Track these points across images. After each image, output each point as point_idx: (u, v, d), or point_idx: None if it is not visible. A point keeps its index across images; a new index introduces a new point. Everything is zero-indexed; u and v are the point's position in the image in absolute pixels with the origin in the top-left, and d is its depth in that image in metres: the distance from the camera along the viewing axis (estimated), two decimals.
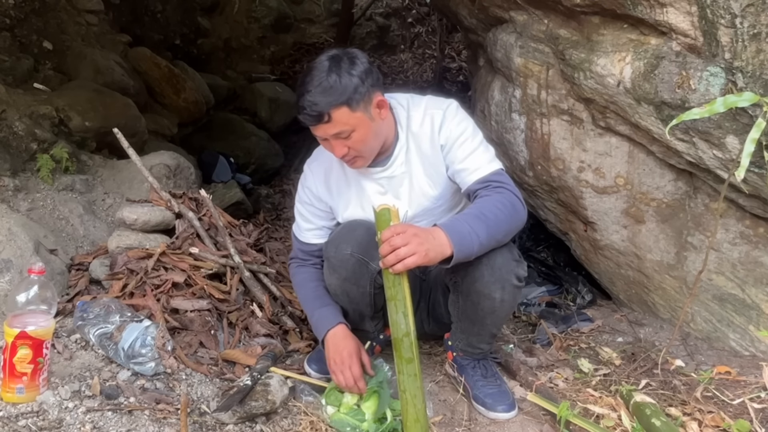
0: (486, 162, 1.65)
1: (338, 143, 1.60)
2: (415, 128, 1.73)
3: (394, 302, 1.43)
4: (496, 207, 1.54)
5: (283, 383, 1.74)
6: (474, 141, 1.68)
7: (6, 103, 2.77)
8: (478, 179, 1.63)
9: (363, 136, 1.60)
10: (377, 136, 1.65)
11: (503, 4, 2.52)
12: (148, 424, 1.55)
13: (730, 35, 1.69)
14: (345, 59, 1.58)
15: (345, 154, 1.62)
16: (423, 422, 1.43)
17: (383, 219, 1.46)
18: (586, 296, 2.65)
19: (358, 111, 1.56)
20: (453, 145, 1.67)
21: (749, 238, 2.00)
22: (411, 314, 1.44)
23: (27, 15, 3.36)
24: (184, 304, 2.10)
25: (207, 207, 2.59)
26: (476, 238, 1.47)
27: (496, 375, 1.85)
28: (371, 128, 1.61)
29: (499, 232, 1.54)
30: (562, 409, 1.65)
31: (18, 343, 1.54)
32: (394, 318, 1.43)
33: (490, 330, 1.79)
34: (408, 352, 1.43)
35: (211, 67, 6.15)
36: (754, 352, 2.02)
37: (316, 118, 1.55)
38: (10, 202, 2.43)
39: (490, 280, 1.63)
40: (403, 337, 1.43)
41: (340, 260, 1.73)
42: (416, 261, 1.38)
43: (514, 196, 1.59)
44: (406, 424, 1.44)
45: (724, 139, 1.80)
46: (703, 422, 1.66)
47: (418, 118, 1.73)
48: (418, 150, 1.73)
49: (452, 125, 1.68)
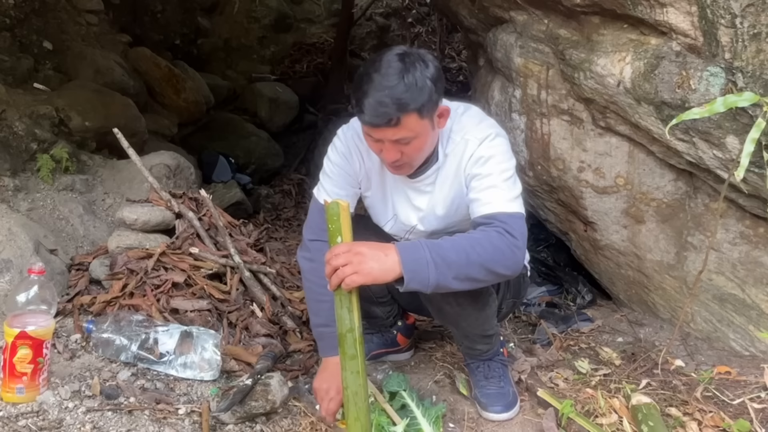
0: (502, 200, 1.50)
1: (394, 148, 1.47)
2: (449, 149, 1.62)
3: (339, 297, 1.38)
4: (481, 245, 1.40)
5: (283, 383, 1.74)
6: (499, 177, 1.53)
7: (6, 103, 2.77)
8: (485, 213, 1.49)
9: (422, 144, 1.50)
10: (432, 145, 1.57)
11: (503, 4, 2.52)
12: (148, 424, 1.55)
13: (730, 35, 1.69)
14: (418, 59, 1.44)
15: (396, 160, 1.50)
16: (363, 421, 1.40)
17: (332, 213, 1.39)
18: (586, 296, 2.65)
19: (426, 119, 1.45)
20: (476, 176, 1.55)
21: (749, 238, 2.00)
22: (356, 310, 1.37)
23: (27, 15, 3.36)
24: (184, 304, 2.10)
25: (207, 207, 2.59)
26: (434, 269, 1.34)
27: (500, 376, 1.83)
28: (431, 137, 1.52)
29: (472, 271, 1.39)
30: (565, 407, 1.66)
31: (18, 343, 1.54)
32: (338, 312, 1.39)
33: (473, 331, 1.75)
34: (351, 349, 1.38)
35: (211, 67, 6.16)
36: (754, 352, 2.02)
37: (383, 121, 1.42)
38: (10, 202, 2.43)
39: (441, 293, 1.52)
40: (347, 332, 1.38)
41: None
42: (358, 280, 1.29)
43: (512, 240, 1.42)
44: (348, 422, 1.41)
45: (724, 139, 1.79)
46: (703, 422, 1.66)
47: (456, 139, 1.61)
48: (448, 172, 1.63)
49: (483, 153, 1.55)
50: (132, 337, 1.82)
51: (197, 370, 1.80)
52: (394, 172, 1.60)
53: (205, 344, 1.82)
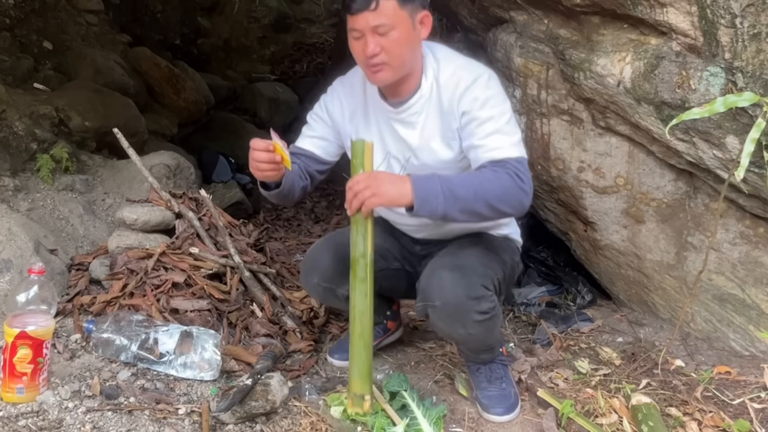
0: (508, 145, 1.52)
1: (374, 39, 1.51)
2: (442, 80, 1.62)
3: (356, 225, 1.53)
4: (490, 184, 1.46)
5: (283, 383, 1.74)
6: (500, 121, 1.54)
7: (6, 103, 2.77)
8: (493, 159, 1.51)
9: (400, 38, 1.52)
10: (412, 52, 1.57)
11: (503, 4, 2.52)
12: (148, 424, 1.55)
13: (730, 35, 1.69)
14: None
15: (375, 55, 1.52)
16: (367, 339, 1.58)
17: (357, 149, 1.53)
18: (586, 296, 2.65)
19: (405, 11, 1.51)
20: (474, 119, 1.55)
21: (749, 238, 2.00)
22: (370, 238, 1.54)
23: (27, 15, 3.36)
24: (184, 304, 2.10)
25: (207, 207, 2.59)
26: (442, 201, 1.43)
27: (502, 378, 1.83)
28: (411, 36, 1.54)
29: (478, 207, 1.46)
30: (565, 407, 1.66)
31: (18, 343, 1.54)
32: (354, 238, 1.54)
33: (476, 346, 1.76)
34: (362, 272, 1.55)
35: (211, 67, 6.15)
36: (754, 352, 2.02)
37: (363, 4, 1.49)
38: (10, 202, 2.43)
39: (448, 321, 1.60)
40: (360, 257, 1.54)
41: (310, 289, 1.92)
42: (376, 202, 1.43)
43: (520, 183, 1.48)
44: (352, 339, 1.58)
45: (724, 139, 1.80)
46: (703, 422, 1.66)
47: (446, 72, 1.62)
48: (439, 104, 1.62)
49: (479, 94, 1.55)
50: (132, 337, 1.82)
51: (197, 370, 1.80)
52: (374, 77, 1.58)
53: (205, 344, 1.83)
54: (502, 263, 1.76)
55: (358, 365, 1.61)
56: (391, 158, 1.73)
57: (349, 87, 1.77)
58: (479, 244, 1.76)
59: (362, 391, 1.61)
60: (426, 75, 1.64)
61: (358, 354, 1.60)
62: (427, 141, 1.66)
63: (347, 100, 1.77)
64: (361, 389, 1.61)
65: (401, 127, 1.68)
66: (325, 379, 1.97)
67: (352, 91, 1.76)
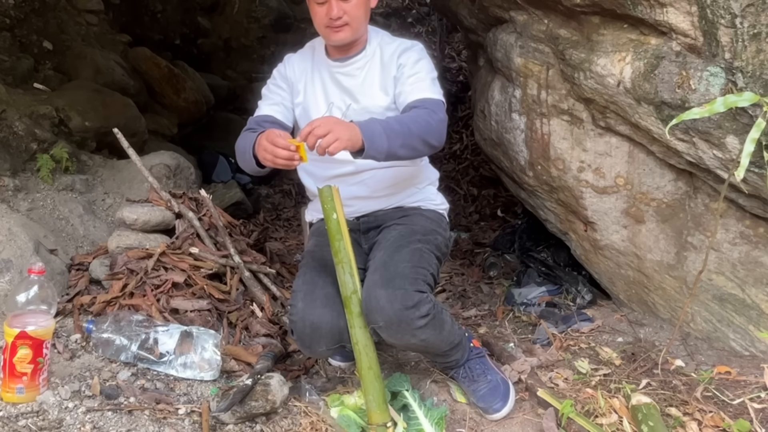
0: (429, 89, 1.79)
1: (338, 4, 1.77)
2: (384, 43, 1.90)
3: (341, 265, 1.63)
4: (417, 121, 1.68)
5: (283, 383, 1.74)
6: (427, 76, 1.82)
7: (6, 103, 2.77)
8: (416, 99, 1.77)
9: (359, 3, 1.79)
10: (365, 17, 1.85)
11: (503, 4, 2.52)
12: (148, 424, 1.55)
13: (730, 35, 1.69)
14: None
15: (338, 18, 1.77)
16: (375, 369, 1.62)
17: (326, 196, 1.63)
18: (586, 296, 2.65)
19: None
20: (406, 70, 1.82)
21: (749, 238, 2.00)
22: (356, 274, 1.65)
23: (27, 15, 3.36)
24: (184, 304, 2.10)
25: (207, 207, 2.59)
26: (385, 139, 1.60)
27: (485, 371, 1.84)
28: (366, 3, 1.83)
29: (413, 142, 1.66)
30: (565, 407, 1.66)
31: (18, 343, 1.54)
32: (342, 278, 1.64)
33: (439, 348, 1.76)
34: (356, 307, 1.62)
35: (211, 67, 6.14)
36: (754, 352, 2.02)
37: None
38: (10, 202, 2.43)
39: (397, 336, 1.62)
40: (351, 294, 1.63)
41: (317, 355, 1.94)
42: (339, 146, 1.52)
43: (440, 117, 1.73)
44: (361, 372, 1.62)
45: (724, 139, 1.80)
46: (703, 422, 1.66)
47: (389, 41, 1.92)
48: (381, 60, 1.88)
49: (415, 55, 1.85)
50: (132, 337, 1.82)
51: (197, 370, 1.80)
52: (335, 36, 1.82)
53: (205, 344, 1.83)
54: (436, 248, 1.82)
55: (374, 396, 1.61)
56: (333, 107, 1.90)
57: (299, 54, 2.02)
58: (411, 236, 1.81)
59: (383, 420, 1.61)
60: (371, 42, 1.92)
61: (371, 385, 1.61)
62: (368, 88, 1.88)
63: (299, 63, 1.99)
64: (381, 419, 1.61)
65: (344, 78, 1.90)
66: (325, 379, 1.97)
67: (302, 56, 2.01)
